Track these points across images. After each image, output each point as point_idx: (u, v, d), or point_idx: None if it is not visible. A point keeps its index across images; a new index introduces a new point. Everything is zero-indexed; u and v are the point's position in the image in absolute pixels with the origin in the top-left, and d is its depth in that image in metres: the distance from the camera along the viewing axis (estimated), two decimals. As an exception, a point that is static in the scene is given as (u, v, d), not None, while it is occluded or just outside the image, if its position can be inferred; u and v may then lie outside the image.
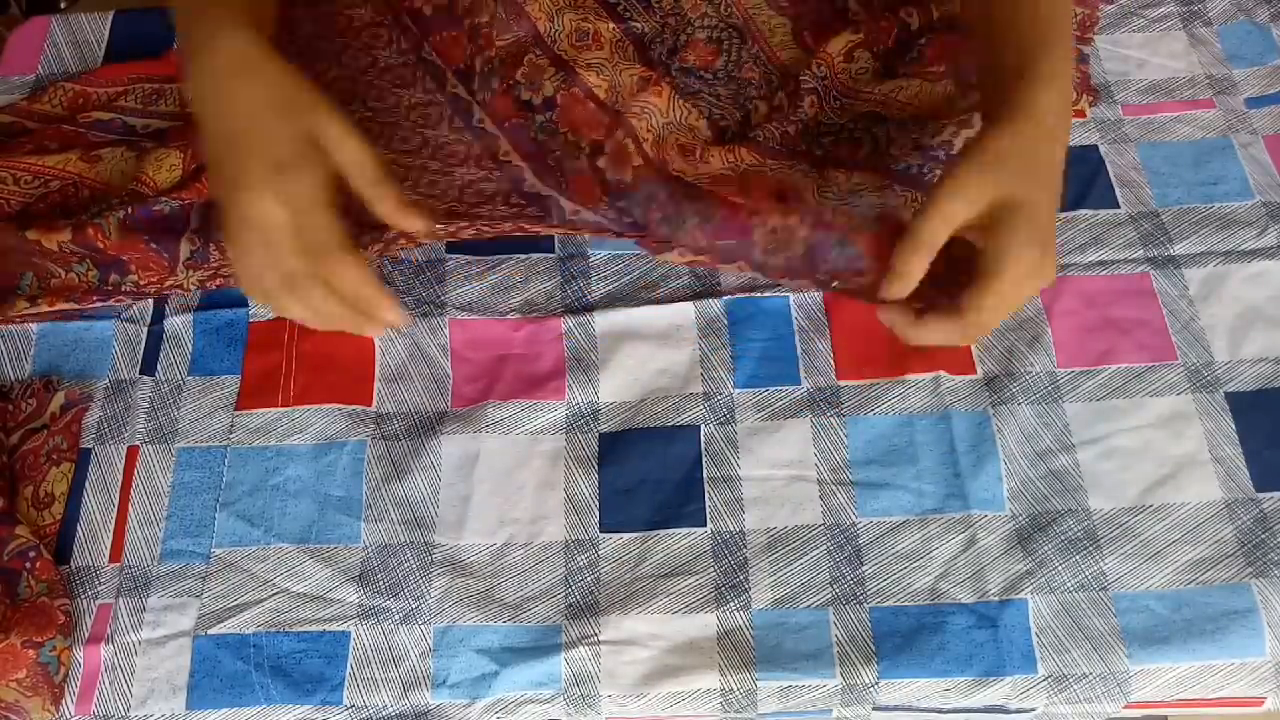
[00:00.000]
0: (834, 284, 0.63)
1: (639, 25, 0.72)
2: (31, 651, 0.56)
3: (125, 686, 0.58)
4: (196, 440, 0.64)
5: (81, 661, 0.58)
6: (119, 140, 0.74)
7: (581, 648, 0.58)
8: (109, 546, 0.61)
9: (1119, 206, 0.70)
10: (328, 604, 0.59)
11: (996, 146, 0.55)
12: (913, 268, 0.56)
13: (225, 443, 0.64)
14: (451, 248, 0.70)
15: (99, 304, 0.68)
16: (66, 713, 0.57)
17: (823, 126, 0.70)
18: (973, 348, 0.65)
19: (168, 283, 0.68)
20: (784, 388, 0.65)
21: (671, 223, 0.64)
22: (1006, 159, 0.55)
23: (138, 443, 0.64)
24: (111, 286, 0.68)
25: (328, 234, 0.54)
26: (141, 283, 0.68)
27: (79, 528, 0.62)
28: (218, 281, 0.68)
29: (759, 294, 0.67)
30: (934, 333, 0.57)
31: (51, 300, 0.67)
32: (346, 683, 0.57)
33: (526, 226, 0.67)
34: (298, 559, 0.60)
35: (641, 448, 0.63)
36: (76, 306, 0.68)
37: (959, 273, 0.57)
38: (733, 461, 0.63)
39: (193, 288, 0.68)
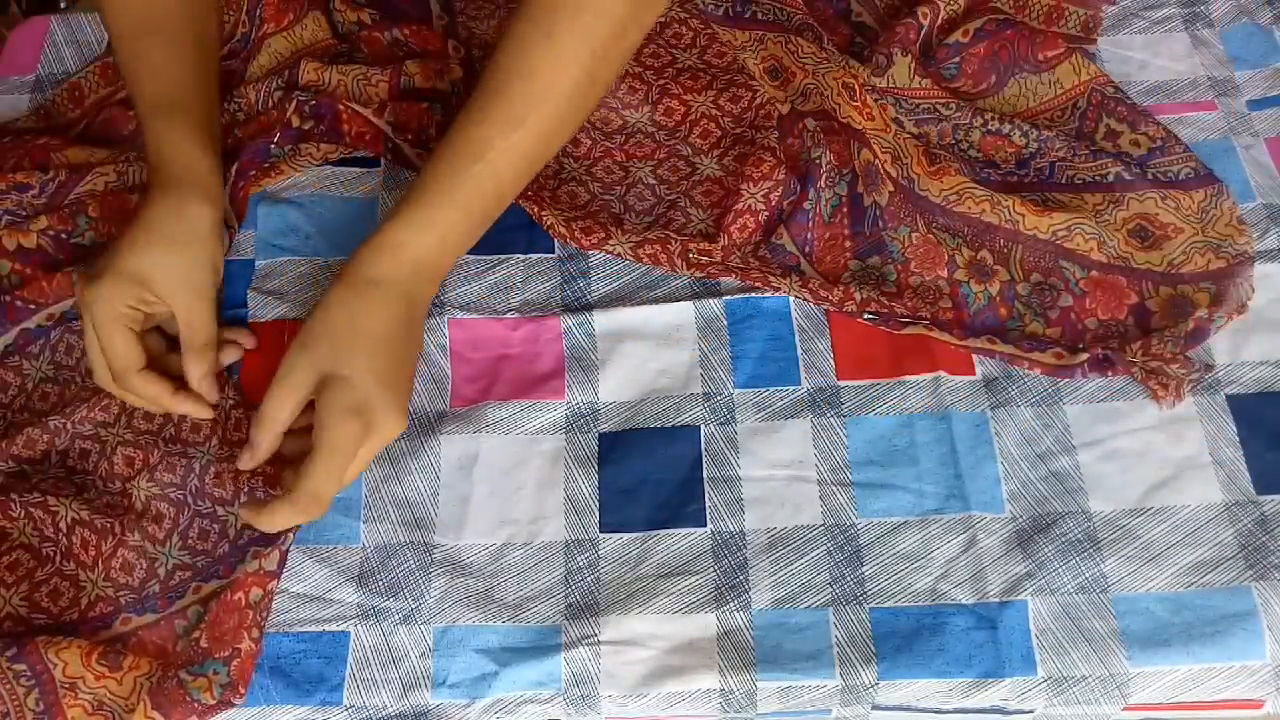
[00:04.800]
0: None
1: None
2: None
3: (125, 686, 0.58)
4: (196, 440, 0.64)
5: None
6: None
7: (581, 648, 0.58)
8: (109, 546, 0.61)
9: (1120, 208, 0.70)
10: (327, 604, 0.59)
11: (310, 328, 0.59)
12: (262, 443, 0.59)
13: (225, 442, 0.64)
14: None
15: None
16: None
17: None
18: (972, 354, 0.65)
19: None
20: (784, 388, 0.65)
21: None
22: (324, 333, 0.59)
23: (137, 442, 0.64)
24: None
25: (124, 356, 0.60)
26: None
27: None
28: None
29: (759, 294, 0.67)
30: (279, 516, 0.57)
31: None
32: (346, 683, 0.57)
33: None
34: (297, 559, 0.60)
35: (641, 448, 0.63)
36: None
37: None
38: (733, 461, 0.63)
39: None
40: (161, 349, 0.65)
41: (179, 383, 0.62)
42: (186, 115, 0.66)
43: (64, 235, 0.68)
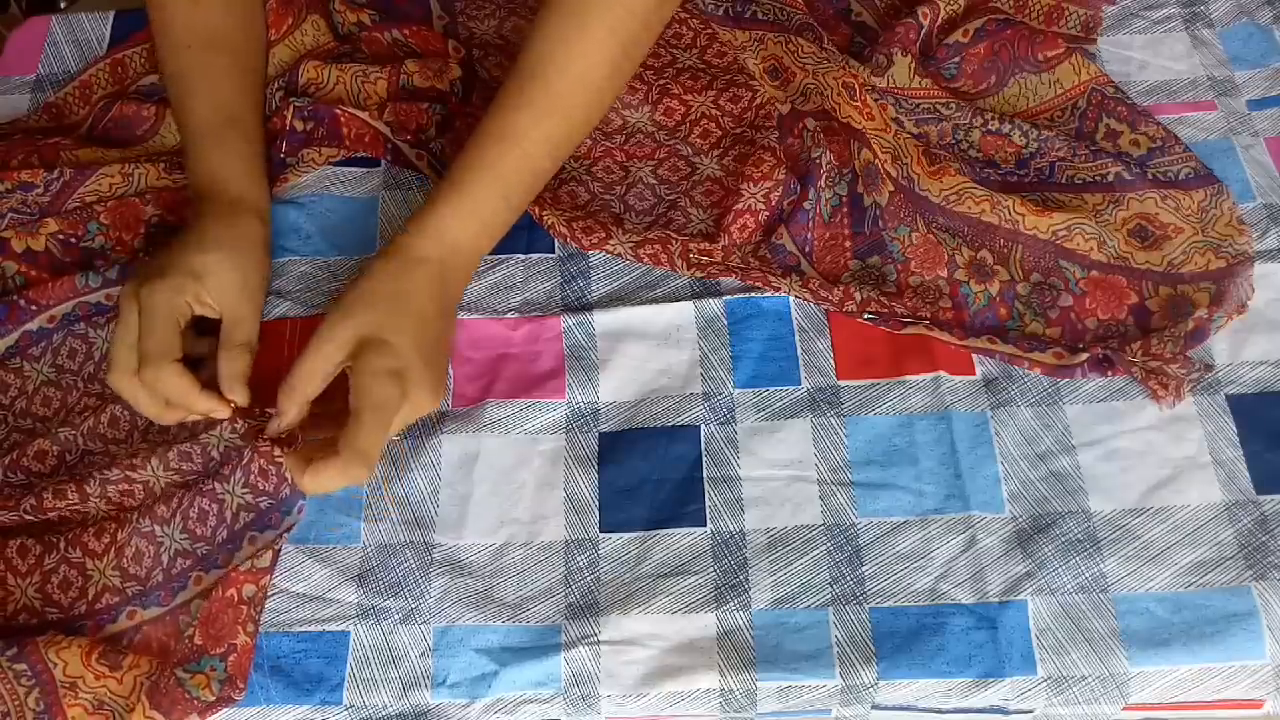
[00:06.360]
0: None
1: None
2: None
3: (125, 685, 0.58)
4: (197, 439, 0.64)
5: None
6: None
7: (581, 647, 0.58)
8: (109, 546, 0.61)
9: (1120, 207, 0.70)
10: (327, 604, 0.59)
11: (351, 296, 0.60)
12: (289, 410, 0.59)
13: (225, 442, 0.64)
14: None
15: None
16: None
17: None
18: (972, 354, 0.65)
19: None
20: (784, 388, 0.65)
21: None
22: (369, 300, 0.60)
23: (138, 442, 0.64)
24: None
25: (163, 344, 0.59)
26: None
27: (79, 527, 0.62)
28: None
29: (759, 294, 0.67)
30: (323, 477, 0.57)
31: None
32: (346, 683, 0.57)
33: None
34: (297, 559, 0.60)
35: (641, 447, 0.63)
36: None
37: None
38: (733, 461, 0.63)
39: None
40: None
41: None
42: (241, 136, 0.68)
43: (73, 240, 0.69)
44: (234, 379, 0.62)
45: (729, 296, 0.68)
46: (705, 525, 0.61)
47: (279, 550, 0.59)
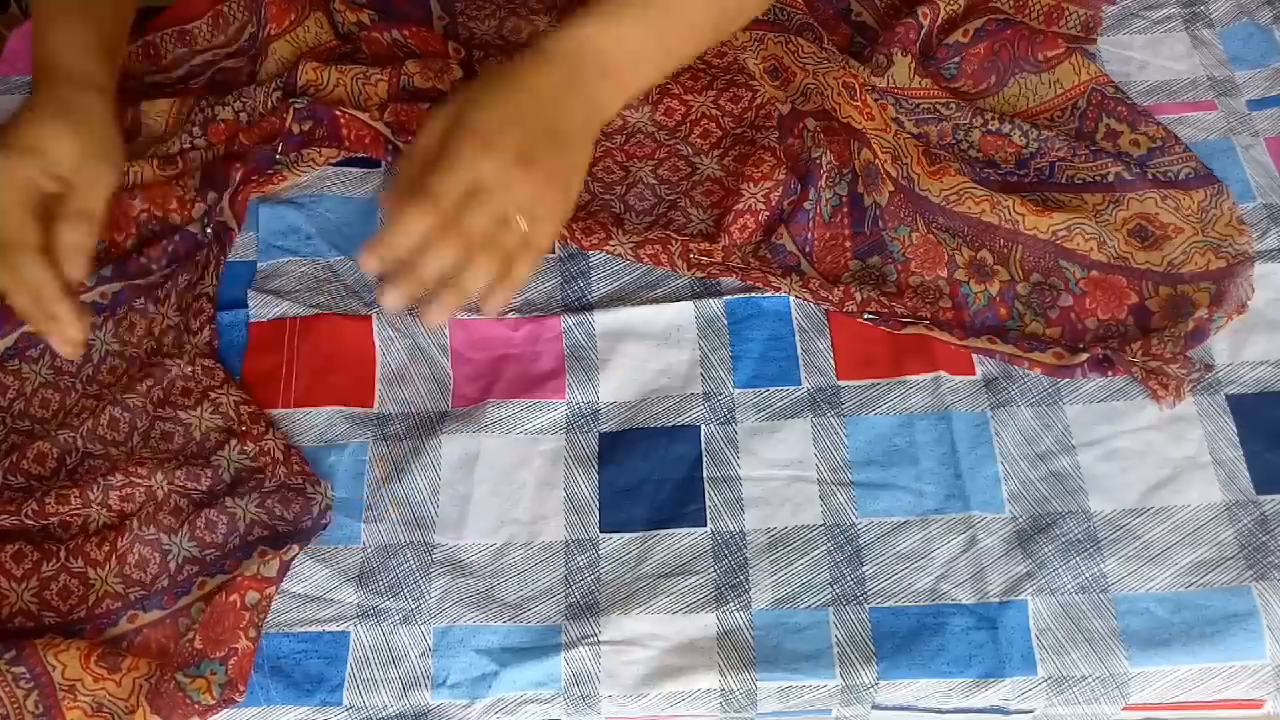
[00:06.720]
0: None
1: None
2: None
3: (125, 686, 0.58)
4: (197, 440, 0.64)
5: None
6: None
7: (581, 648, 0.58)
8: (109, 546, 0.61)
9: (1120, 207, 0.70)
10: (327, 604, 0.59)
11: (469, 89, 0.56)
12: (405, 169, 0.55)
13: (225, 442, 0.64)
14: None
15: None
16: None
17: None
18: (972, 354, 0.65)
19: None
20: (784, 388, 0.65)
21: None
22: (478, 81, 0.56)
23: (138, 442, 0.64)
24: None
25: (17, 230, 0.57)
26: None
27: (79, 527, 0.62)
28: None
29: (759, 294, 0.67)
30: (412, 224, 0.52)
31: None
32: (346, 683, 0.57)
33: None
34: (297, 560, 0.60)
35: (641, 447, 0.63)
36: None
37: None
38: (733, 461, 0.63)
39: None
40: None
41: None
42: (81, 18, 0.65)
43: None
44: (72, 249, 0.58)
45: (729, 296, 0.68)
46: (705, 525, 0.61)
47: (289, 561, 0.59)
